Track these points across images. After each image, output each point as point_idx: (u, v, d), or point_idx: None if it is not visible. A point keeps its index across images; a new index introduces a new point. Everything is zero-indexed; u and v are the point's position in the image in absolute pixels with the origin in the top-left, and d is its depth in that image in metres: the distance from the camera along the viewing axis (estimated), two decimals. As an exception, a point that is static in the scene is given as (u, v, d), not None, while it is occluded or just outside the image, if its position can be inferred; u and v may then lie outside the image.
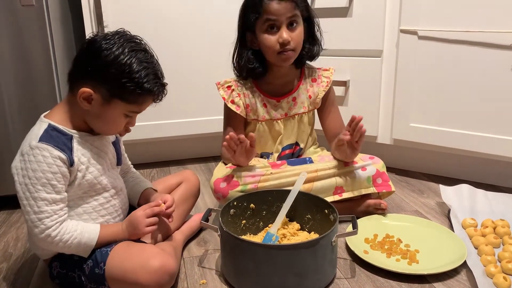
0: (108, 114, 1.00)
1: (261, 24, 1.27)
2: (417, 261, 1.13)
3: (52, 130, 0.98)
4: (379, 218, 1.33)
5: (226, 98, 1.36)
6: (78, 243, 0.98)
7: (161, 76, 1.03)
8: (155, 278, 0.96)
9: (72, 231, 0.97)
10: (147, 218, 1.04)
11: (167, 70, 1.69)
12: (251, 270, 1.01)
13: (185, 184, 1.30)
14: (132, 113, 1.03)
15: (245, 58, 1.32)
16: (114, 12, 1.62)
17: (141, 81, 0.97)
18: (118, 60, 0.95)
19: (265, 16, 1.25)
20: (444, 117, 1.54)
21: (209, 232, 1.33)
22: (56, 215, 0.95)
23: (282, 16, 1.24)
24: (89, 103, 0.98)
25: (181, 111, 1.79)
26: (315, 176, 1.30)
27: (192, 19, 1.71)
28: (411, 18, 1.52)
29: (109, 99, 0.97)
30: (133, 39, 1.00)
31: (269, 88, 1.38)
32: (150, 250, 1.02)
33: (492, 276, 1.05)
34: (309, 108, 1.41)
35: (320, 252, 1.02)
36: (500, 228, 1.24)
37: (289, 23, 1.26)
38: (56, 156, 0.95)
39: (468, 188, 1.46)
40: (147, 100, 1.02)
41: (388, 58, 1.61)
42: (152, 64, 1.00)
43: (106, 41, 0.97)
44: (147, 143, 1.86)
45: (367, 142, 1.72)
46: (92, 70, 0.96)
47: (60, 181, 0.96)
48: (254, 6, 1.27)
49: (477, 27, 1.41)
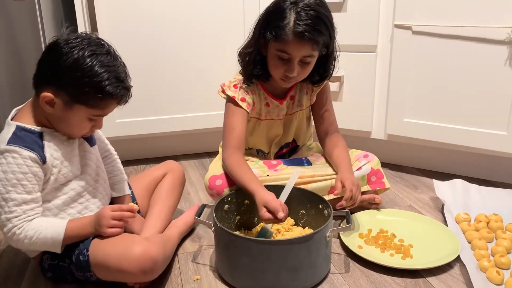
0: (71, 118, 0.99)
1: (275, 48, 1.19)
2: (411, 256, 1.13)
3: (21, 130, 0.97)
4: (373, 213, 1.34)
5: (236, 97, 1.29)
6: (45, 238, 0.97)
7: (124, 79, 1.00)
8: (137, 265, 0.96)
9: (37, 227, 0.97)
10: (112, 220, 1.02)
11: (160, 67, 1.71)
12: (245, 266, 1.01)
13: (170, 175, 1.30)
14: (96, 117, 1.01)
15: (252, 59, 1.27)
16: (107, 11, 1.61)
17: (102, 85, 0.95)
18: (78, 65, 0.93)
19: (281, 46, 1.17)
20: (438, 112, 1.54)
21: (203, 228, 1.32)
22: (25, 215, 0.95)
23: (298, 53, 1.17)
24: (52, 107, 0.97)
25: (175, 107, 1.78)
26: (311, 180, 1.29)
27: (187, 19, 1.70)
28: (405, 13, 1.51)
29: (70, 104, 0.96)
30: (96, 42, 0.98)
31: (273, 89, 1.34)
32: (133, 238, 1.03)
33: (485, 270, 1.06)
34: (306, 105, 1.40)
35: (314, 247, 1.02)
36: (493, 222, 1.25)
37: (302, 60, 1.20)
38: (26, 156, 0.95)
39: (462, 183, 1.46)
40: (109, 104, 1.00)
41: (382, 53, 1.61)
42: (114, 67, 0.97)
43: (67, 44, 0.95)
44: (141, 139, 1.85)
45: (361, 137, 1.72)
46: (51, 75, 0.95)
47: (31, 181, 0.95)
48: (276, 27, 1.16)
49: (471, 22, 1.41)
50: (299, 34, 1.13)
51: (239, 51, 1.31)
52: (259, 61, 1.26)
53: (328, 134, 1.39)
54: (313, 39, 1.15)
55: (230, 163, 1.25)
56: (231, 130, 1.29)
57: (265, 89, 1.34)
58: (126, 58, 1.01)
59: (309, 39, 1.14)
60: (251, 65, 1.27)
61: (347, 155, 1.32)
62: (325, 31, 1.17)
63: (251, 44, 1.27)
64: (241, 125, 1.29)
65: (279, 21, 1.16)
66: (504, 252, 1.11)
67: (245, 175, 1.19)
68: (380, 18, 1.58)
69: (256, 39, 1.25)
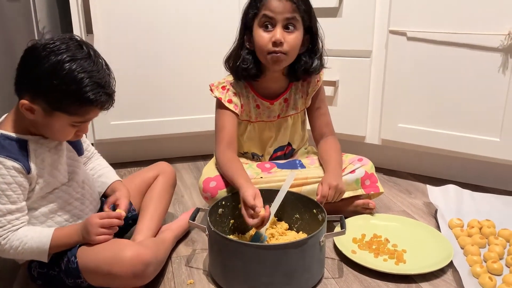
0: (52, 125, 0.95)
1: (258, 21, 1.24)
2: (404, 261, 1.13)
3: (5, 139, 0.94)
4: (367, 218, 1.34)
5: (223, 98, 1.30)
6: (30, 248, 0.96)
7: (106, 84, 0.94)
8: (128, 268, 0.95)
9: (23, 237, 0.95)
10: (101, 228, 1.00)
11: (155, 69, 1.71)
12: (239, 270, 1.01)
13: (162, 177, 1.29)
14: (78, 123, 0.97)
15: (241, 58, 1.28)
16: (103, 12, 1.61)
17: (81, 92, 0.90)
18: (55, 71, 0.89)
19: (262, 12, 1.22)
20: (432, 118, 1.55)
21: (197, 232, 1.32)
22: (9, 225, 0.94)
23: (280, 15, 1.21)
24: (33, 114, 0.93)
25: (170, 110, 1.78)
26: (305, 182, 1.29)
27: (183, 22, 1.70)
28: (400, 19, 1.52)
29: (50, 111, 0.92)
30: (76, 45, 0.93)
31: (262, 90, 1.35)
32: (123, 242, 1.02)
33: (478, 276, 1.06)
34: (301, 108, 1.41)
35: (308, 252, 1.02)
36: (486, 228, 1.25)
37: (286, 25, 1.22)
38: (9, 166, 0.92)
39: (455, 189, 1.47)
40: (90, 110, 0.95)
41: (377, 59, 1.62)
42: (94, 72, 0.92)
43: (44, 49, 0.90)
44: (135, 141, 1.84)
45: (356, 142, 1.73)
46: (27, 81, 0.91)
47: (16, 191, 0.94)
48: (254, 2, 1.24)
49: (466, 29, 1.42)
50: None
51: (227, 60, 1.32)
52: (247, 58, 1.28)
53: (323, 136, 1.40)
54: None
55: (223, 159, 1.26)
56: (222, 129, 1.31)
57: (254, 91, 1.35)
58: (120, 60, 1.00)
59: None
60: (241, 63, 1.28)
61: (336, 157, 1.32)
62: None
63: (236, 43, 1.30)
64: (230, 124, 1.31)
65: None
66: (497, 258, 1.12)
67: (235, 171, 1.21)
68: (375, 24, 1.58)
69: (241, 36, 1.29)
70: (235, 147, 1.31)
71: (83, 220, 1.03)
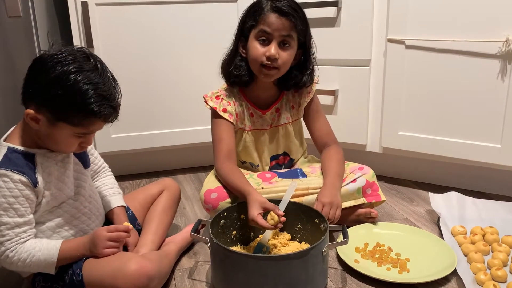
0: (56, 135, 0.95)
1: (255, 33, 1.25)
2: (407, 270, 1.13)
3: (12, 152, 0.95)
4: (370, 227, 1.33)
5: (217, 108, 1.32)
6: (38, 261, 0.96)
7: (111, 97, 0.94)
8: (132, 282, 0.95)
9: (30, 249, 0.96)
10: (109, 241, 1.01)
11: (156, 82, 1.72)
12: (242, 282, 1.01)
13: (166, 193, 1.30)
14: (82, 135, 0.97)
15: (233, 64, 1.30)
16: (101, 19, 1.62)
17: (85, 104, 0.91)
18: (60, 81, 0.89)
19: (260, 26, 1.23)
20: (432, 125, 1.55)
21: (200, 244, 1.32)
22: (17, 237, 0.95)
23: (277, 31, 1.22)
24: (37, 123, 0.94)
25: (171, 122, 1.78)
26: (306, 193, 1.29)
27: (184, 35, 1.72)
28: (398, 27, 1.53)
29: (54, 122, 0.93)
30: (83, 57, 0.94)
31: (254, 98, 1.37)
32: (128, 255, 1.02)
33: (482, 284, 1.06)
34: (293, 119, 1.41)
35: (311, 262, 1.01)
36: (489, 235, 1.25)
37: (282, 41, 1.24)
38: (17, 180, 0.93)
39: (457, 196, 1.47)
40: (94, 122, 0.95)
41: (376, 67, 1.62)
42: (100, 85, 0.92)
43: (51, 60, 0.91)
44: (136, 154, 1.85)
45: (357, 150, 1.73)
46: (33, 91, 0.92)
47: (23, 204, 0.94)
48: (253, 13, 1.25)
49: (463, 36, 1.43)
50: (278, 9, 1.22)
51: (222, 65, 1.34)
52: (240, 65, 1.30)
53: (326, 145, 1.40)
54: (291, 14, 1.22)
55: (224, 170, 1.27)
56: (220, 141, 1.31)
57: (247, 99, 1.36)
58: (122, 73, 1.00)
59: (287, 14, 1.22)
60: (233, 69, 1.30)
61: (335, 168, 1.32)
62: (301, 14, 1.25)
63: (231, 48, 1.32)
64: (228, 134, 1.32)
65: (256, 10, 1.25)
66: (501, 265, 1.11)
67: (239, 179, 1.22)
68: (373, 33, 1.59)
69: (235, 41, 1.31)
70: (234, 158, 1.32)
71: (90, 233, 1.03)
